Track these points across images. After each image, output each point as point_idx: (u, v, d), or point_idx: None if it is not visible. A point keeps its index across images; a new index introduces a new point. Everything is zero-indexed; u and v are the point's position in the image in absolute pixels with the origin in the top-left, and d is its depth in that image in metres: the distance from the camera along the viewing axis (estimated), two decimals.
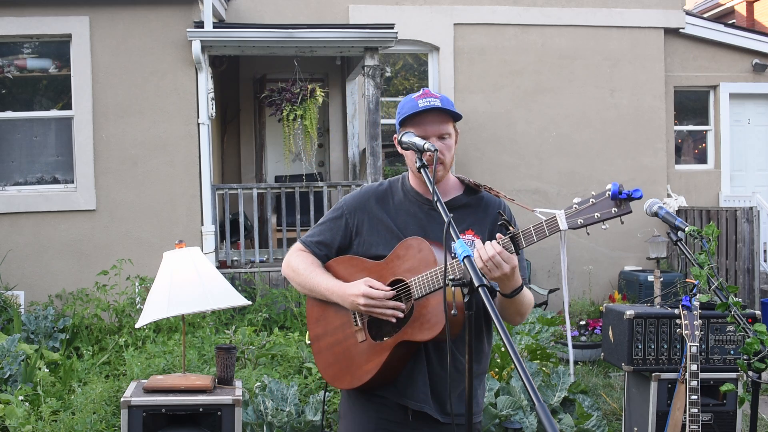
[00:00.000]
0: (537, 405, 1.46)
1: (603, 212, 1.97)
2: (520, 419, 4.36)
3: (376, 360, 2.23)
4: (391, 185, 2.44)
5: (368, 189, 2.45)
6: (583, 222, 2.00)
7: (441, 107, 2.25)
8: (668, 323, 3.75)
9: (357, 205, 2.41)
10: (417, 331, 2.17)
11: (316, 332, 2.42)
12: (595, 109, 9.43)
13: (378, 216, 2.36)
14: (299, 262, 2.41)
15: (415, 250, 2.21)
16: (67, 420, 4.17)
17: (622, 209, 1.96)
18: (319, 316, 2.41)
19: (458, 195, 2.37)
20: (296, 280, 2.42)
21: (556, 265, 9.19)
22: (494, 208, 2.35)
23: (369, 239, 2.36)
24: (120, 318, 6.43)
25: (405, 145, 2.20)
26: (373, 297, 2.19)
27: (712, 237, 2.60)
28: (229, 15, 8.73)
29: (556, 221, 2.03)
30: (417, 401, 2.25)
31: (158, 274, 3.38)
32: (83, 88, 7.54)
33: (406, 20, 8.89)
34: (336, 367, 2.34)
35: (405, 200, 2.38)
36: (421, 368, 2.25)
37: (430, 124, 2.26)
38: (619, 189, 1.93)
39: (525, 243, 2.07)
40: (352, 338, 2.31)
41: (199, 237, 7.47)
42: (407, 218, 2.34)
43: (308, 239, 2.46)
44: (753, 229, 8.15)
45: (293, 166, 8.59)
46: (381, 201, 2.39)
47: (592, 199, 2.00)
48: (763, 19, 14.85)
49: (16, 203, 7.50)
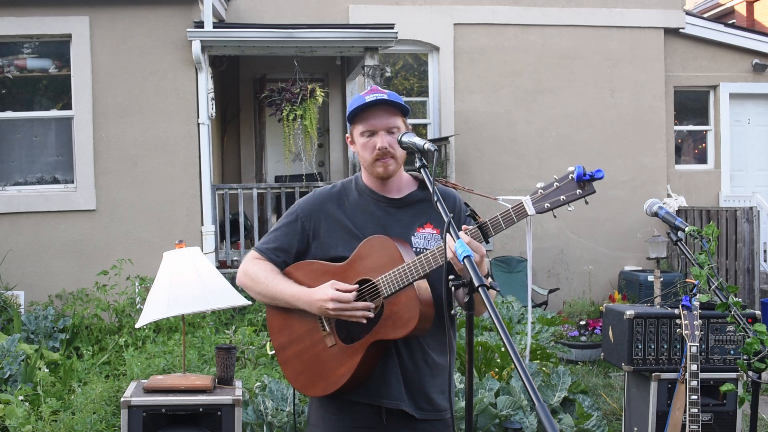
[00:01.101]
0: (537, 405, 1.46)
1: (568, 194, 2.02)
2: (520, 419, 4.36)
3: (350, 363, 2.20)
4: (344, 186, 2.41)
5: (321, 191, 2.41)
6: (549, 206, 2.03)
7: (387, 99, 2.25)
8: (668, 323, 3.75)
9: (312, 207, 2.37)
10: (390, 329, 2.16)
11: (280, 342, 2.36)
12: (595, 109, 9.44)
13: (335, 217, 2.33)
14: (257, 271, 2.34)
15: (379, 248, 2.19)
16: (67, 420, 4.17)
17: (587, 190, 2.01)
18: (282, 324, 2.35)
19: (413, 191, 2.36)
20: (255, 290, 2.35)
21: (557, 265, 9.20)
22: (450, 201, 2.34)
23: (327, 241, 2.32)
24: (120, 318, 6.43)
25: (405, 145, 2.18)
26: (342, 300, 2.16)
27: (712, 237, 2.60)
28: (229, 15, 8.73)
29: (523, 207, 2.05)
30: (392, 399, 2.24)
31: (158, 274, 3.38)
32: (83, 88, 7.54)
33: (406, 20, 8.90)
34: (307, 374, 2.30)
35: (360, 199, 2.35)
36: (393, 366, 2.24)
37: (377, 119, 2.25)
38: (583, 171, 1.98)
39: (494, 231, 2.08)
40: (320, 344, 2.27)
41: (199, 237, 7.47)
42: (365, 217, 2.31)
43: (264, 246, 2.39)
44: (753, 229, 8.15)
45: (293, 166, 8.59)
46: (336, 202, 2.36)
47: (556, 183, 2.04)
48: (763, 19, 14.85)
49: (16, 203, 7.50)
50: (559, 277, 9.18)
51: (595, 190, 2.01)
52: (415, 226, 2.30)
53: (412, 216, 2.32)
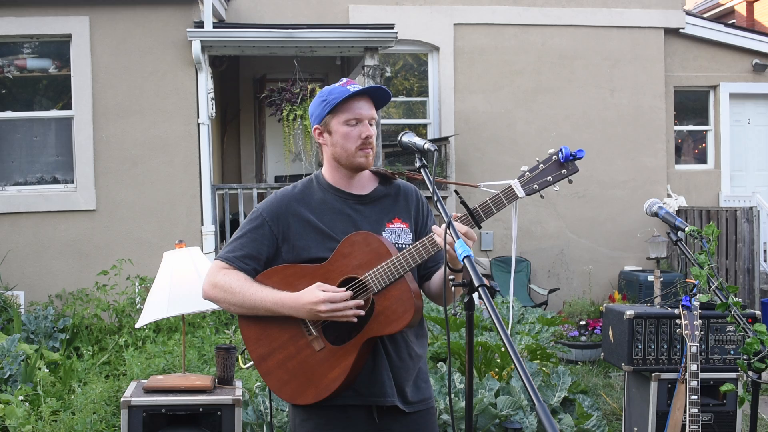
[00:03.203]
0: (537, 405, 1.45)
1: (554, 175, 2.08)
2: (520, 419, 4.36)
3: (343, 364, 2.15)
4: (305, 185, 2.34)
5: (284, 192, 2.32)
6: (537, 187, 2.08)
7: (380, 88, 2.26)
8: (668, 323, 3.75)
9: (277, 210, 2.27)
10: (383, 325, 2.13)
11: (259, 352, 2.24)
12: (595, 109, 9.43)
13: (304, 218, 2.25)
14: (230, 280, 2.20)
15: (362, 245, 2.16)
16: (67, 420, 4.17)
17: (571, 170, 2.08)
18: (260, 334, 2.24)
19: (376, 187, 2.33)
20: (230, 301, 2.20)
21: (556, 265, 9.20)
22: (412, 194, 2.36)
23: (299, 244, 2.23)
24: (120, 318, 6.43)
25: (405, 145, 2.18)
26: (334, 300, 2.10)
27: (712, 237, 2.60)
28: (229, 15, 8.73)
29: (512, 190, 2.09)
30: (386, 397, 2.21)
31: (158, 274, 3.38)
32: (83, 88, 7.54)
33: (406, 20, 8.89)
34: (294, 383, 2.21)
35: (326, 198, 2.29)
36: (383, 363, 2.21)
37: (363, 109, 2.23)
38: (570, 151, 2.06)
39: (485, 216, 2.09)
40: (306, 349, 2.19)
41: (199, 237, 7.47)
42: (333, 216, 2.26)
43: (230, 255, 2.25)
44: (753, 229, 8.15)
45: (293, 166, 8.59)
46: (301, 202, 2.28)
47: (541, 165, 2.10)
48: (763, 19, 14.85)
49: (16, 203, 7.50)
50: (559, 277, 9.18)
51: (578, 169, 2.09)
52: (384, 221, 2.28)
53: (380, 212, 2.29)
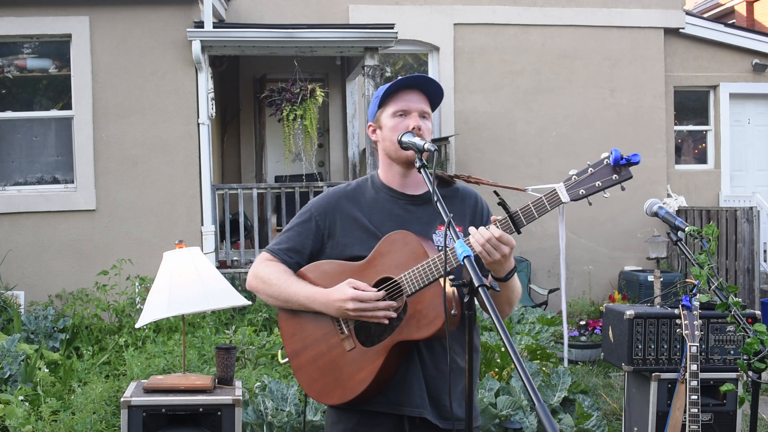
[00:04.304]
0: (537, 405, 1.44)
1: (604, 180, 1.94)
2: (520, 419, 4.36)
3: (370, 367, 2.07)
4: (359, 184, 2.30)
5: (336, 190, 2.30)
6: (585, 192, 1.94)
7: (427, 76, 2.19)
8: (668, 323, 3.75)
9: (326, 206, 2.25)
10: (414, 329, 2.03)
11: (293, 347, 2.22)
12: (595, 109, 9.44)
13: (351, 215, 2.21)
14: (269, 272, 2.21)
15: (400, 244, 2.08)
16: (67, 420, 4.17)
17: (623, 175, 1.93)
18: (295, 329, 2.22)
19: None
20: (267, 292, 2.22)
21: (556, 265, 9.19)
22: (471, 199, 2.26)
23: (343, 240, 2.20)
24: (120, 318, 6.43)
25: (405, 145, 2.10)
26: (362, 299, 2.04)
27: (712, 237, 2.60)
28: (229, 15, 8.73)
29: (557, 194, 1.95)
30: (415, 407, 2.11)
31: (158, 274, 3.38)
32: (83, 88, 7.54)
33: (406, 20, 8.89)
34: (322, 381, 2.16)
35: (378, 197, 2.24)
36: (415, 371, 2.11)
37: (412, 101, 2.17)
38: (620, 155, 1.90)
39: (525, 221, 1.97)
40: (338, 348, 2.13)
41: (199, 237, 7.47)
42: (383, 215, 2.20)
43: (276, 247, 2.26)
44: (753, 229, 8.15)
45: (293, 166, 8.59)
46: (352, 200, 2.24)
47: (591, 169, 1.95)
48: (763, 19, 14.85)
49: (16, 203, 7.50)
50: (560, 277, 9.17)
51: (632, 175, 1.93)
52: (435, 223, 2.18)
53: (432, 213, 2.18)
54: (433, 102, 2.23)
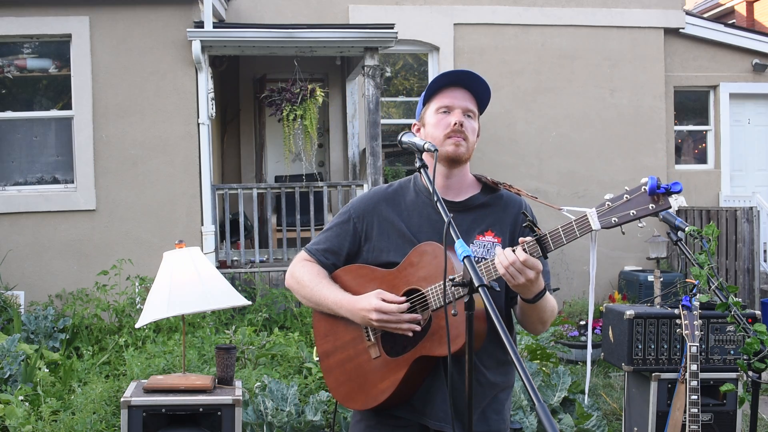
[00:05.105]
0: (537, 405, 1.44)
1: (639, 209, 1.83)
2: (520, 419, 4.36)
3: (393, 378, 2.05)
4: (401, 186, 2.25)
5: (377, 191, 2.26)
6: (617, 221, 1.84)
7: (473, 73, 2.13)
8: (668, 323, 3.75)
9: (365, 208, 2.22)
10: (436, 345, 1.99)
11: (324, 348, 2.22)
12: (595, 109, 9.43)
13: (389, 219, 2.17)
14: (304, 273, 2.22)
15: (430, 257, 2.03)
16: (67, 420, 4.17)
17: (661, 205, 1.82)
18: (328, 330, 2.21)
19: (475, 194, 2.18)
20: (301, 293, 2.23)
21: (556, 265, 9.19)
22: (515, 208, 2.18)
23: (379, 245, 2.17)
24: (120, 318, 6.43)
25: (405, 145, 2.08)
26: (386, 311, 2.01)
27: (712, 237, 2.60)
28: (229, 15, 8.73)
29: (587, 220, 1.87)
30: (436, 420, 2.07)
31: (158, 274, 3.38)
32: (83, 88, 7.54)
33: (406, 20, 8.89)
34: (348, 386, 2.15)
35: (418, 200, 2.18)
36: (439, 385, 2.07)
37: (456, 98, 2.12)
38: (657, 183, 1.80)
39: (553, 246, 1.89)
40: (364, 354, 2.12)
41: (199, 237, 7.47)
42: (421, 221, 2.15)
43: (314, 247, 2.26)
44: (753, 229, 8.15)
45: (293, 166, 8.59)
46: (391, 203, 2.20)
47: (626, 195, 1.84)
48: (763, 19, 14.85)
49: (16, 203, 7.50)
50: (559, 277, 9.17)
51: (671, 205, 1.82)
52: (474, 232, 2.12)
53: (472, 221, 2.13)
54: (481, 101, 2.19)
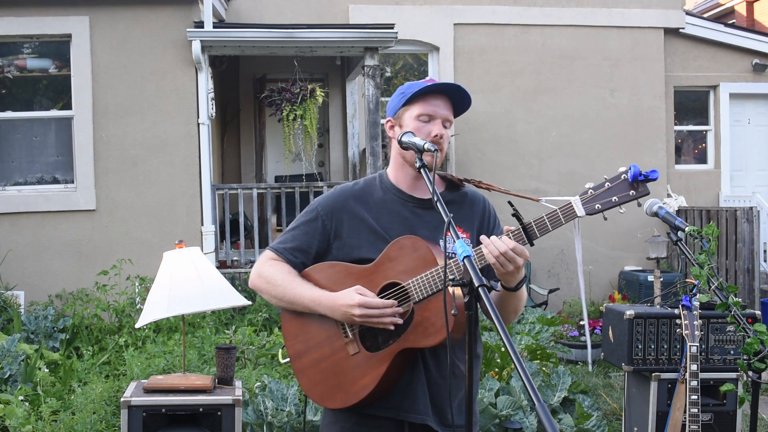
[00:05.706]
0: (537, 405, 1.44)
1: (620, 195, 1.93)
2: (520, 419, 4.36)
3: (374, 373, 2.05)
4: (368, 183, 2.25)
5: (343, 188, 2.25)
6: (600, 207, 1.94)
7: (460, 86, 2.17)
8: (668, 323, 3.75)
9: (334, 205, 2.21)
10: (421, 336, 2.01)
11: (296, 349, 2.19)
12: (595, 109, 9.43)
13: (359, 216, 2.17)
14: (274, 272, 2.17)
15: (410, 250, 2.05)
16: (67, 420, 4.17)
17: (640, 191, 1.93)
18: (298, 330, 2.19)
19: (441, 191, 2.21)
20: (271, 293, 2.18)
21: (556, 265, 9.19)
22: (480, 204, 2.24)
23: (350, 242, 2.17)
24: (120, 318, 6.44)
25: (405, 145, 2.08)
26: (370, 306, 2.01)
27: (712, 237, 2.60)
28: (229, 15, 8.73)
29: (572, 208, 1.95)
30: (418, 414, 2.09)
31: (158, 274, 3.38)
32: (83, 88, 7.54)
33: (406, 20, 8.89)
34: (325, 385, 2.13)
35: (386, 198, 2.20)
36: (419, 378, 2.09)
37: (439, 107, 2.15)
38: (639, 171, 1.90)
39: (539, 233, 1.97)
40: (341, 351, 2.11)
41: (199, 237, 7.47)
42: (391, 217, 2.16)
43: (281, 246, 2.22)
44: (753, 229, 8.15)
45: (293, 166, 8.59)
46: (360, 200, 2.20)
47: (607, 183, 1.94)
48: (763, 19, 14.85)
49: (16, 203, 7.50)
50: (559, 277, 9.17)
51: (649, 191, 1.93)
52: (443, 228, 2.14)
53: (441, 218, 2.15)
54: (457, 110, 2.22)
